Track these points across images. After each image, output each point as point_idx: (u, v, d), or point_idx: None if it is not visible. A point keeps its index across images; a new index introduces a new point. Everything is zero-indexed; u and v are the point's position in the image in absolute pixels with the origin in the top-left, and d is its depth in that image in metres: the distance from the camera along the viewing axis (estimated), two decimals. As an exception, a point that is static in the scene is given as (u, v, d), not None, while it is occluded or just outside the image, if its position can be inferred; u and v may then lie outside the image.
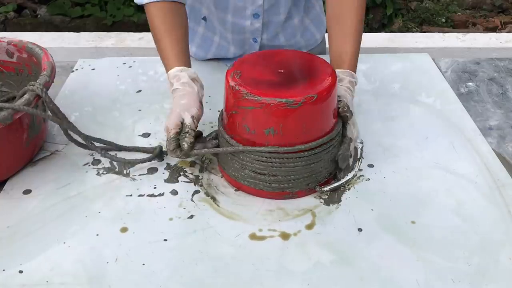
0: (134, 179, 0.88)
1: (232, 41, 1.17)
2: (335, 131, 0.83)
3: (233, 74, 0.81)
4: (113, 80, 1.18)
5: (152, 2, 0.94)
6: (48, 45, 1.03)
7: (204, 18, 1.14)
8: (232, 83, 0.79)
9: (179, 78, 0.88)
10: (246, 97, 0.77)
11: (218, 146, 0.87)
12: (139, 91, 1.13)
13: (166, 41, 0.93)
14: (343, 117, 0.85)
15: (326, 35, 1.31)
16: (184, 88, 0.87)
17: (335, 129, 0.83)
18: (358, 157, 0.91)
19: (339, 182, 0.85)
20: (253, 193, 0.84)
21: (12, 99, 0.97)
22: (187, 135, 0.82)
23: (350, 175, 0.87)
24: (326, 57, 0.96)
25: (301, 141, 0.79)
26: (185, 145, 0.82)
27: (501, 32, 3.17)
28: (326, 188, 0.84)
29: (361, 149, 0.92)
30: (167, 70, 0.91)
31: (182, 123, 0.83)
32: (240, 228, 0.78)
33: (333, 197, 0.84)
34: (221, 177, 0.88)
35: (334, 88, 0.80)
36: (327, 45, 1.00)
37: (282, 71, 0.82)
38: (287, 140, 0.79)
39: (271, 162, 0.80)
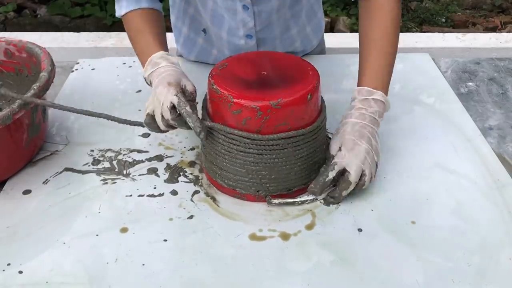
0: (134, 179, 0.88)
1: (229, 54, 1.15)
2: (279, 145, 0.78)
3: (219, 66, 0.83)
4: (113, 80, 1.18)
5: (129, 11, 0.97)
6: (48, 45, 1.04)
7: (204, 30, 1.14)
8: (210, 73, 0.81)
9: (167, 59, 0.88)
10: (212, 87, 0.79)
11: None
12: (139, 91, 1.13)
13: (146, 33, 0.94)
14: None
15: (324, 37, 1.30)
16: (173, 67, 0.87)
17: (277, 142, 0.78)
18: (335, 196, 0.81)
19: (293, 200, 0.82)
20: (211, 182, 0.86)
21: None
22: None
23: (309, 197, 0.82)
24: (325, 57, 0.96)
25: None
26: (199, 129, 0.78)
27: (501, 32, 3.17)
28: (276, 201, 0.81)
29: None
30: (151, 53, 0.90)
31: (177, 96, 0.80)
32: (240, 228, 0.78)
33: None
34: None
35: (301, 103, 0.77)
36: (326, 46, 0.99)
37: (265, 73, 0.81)
38: None
39: (222, 156, 0.80)
